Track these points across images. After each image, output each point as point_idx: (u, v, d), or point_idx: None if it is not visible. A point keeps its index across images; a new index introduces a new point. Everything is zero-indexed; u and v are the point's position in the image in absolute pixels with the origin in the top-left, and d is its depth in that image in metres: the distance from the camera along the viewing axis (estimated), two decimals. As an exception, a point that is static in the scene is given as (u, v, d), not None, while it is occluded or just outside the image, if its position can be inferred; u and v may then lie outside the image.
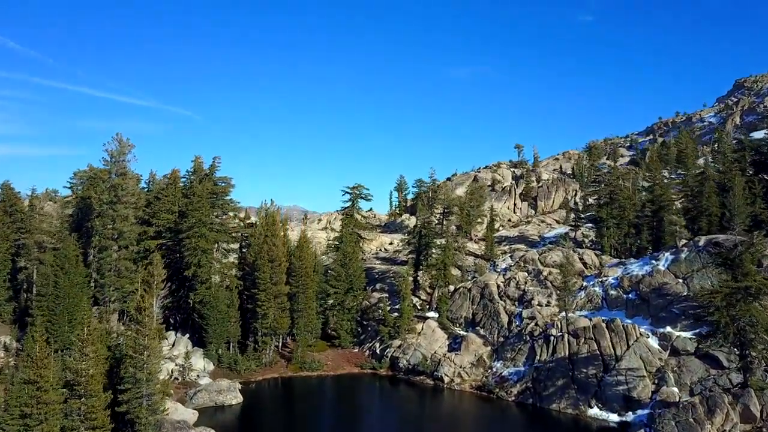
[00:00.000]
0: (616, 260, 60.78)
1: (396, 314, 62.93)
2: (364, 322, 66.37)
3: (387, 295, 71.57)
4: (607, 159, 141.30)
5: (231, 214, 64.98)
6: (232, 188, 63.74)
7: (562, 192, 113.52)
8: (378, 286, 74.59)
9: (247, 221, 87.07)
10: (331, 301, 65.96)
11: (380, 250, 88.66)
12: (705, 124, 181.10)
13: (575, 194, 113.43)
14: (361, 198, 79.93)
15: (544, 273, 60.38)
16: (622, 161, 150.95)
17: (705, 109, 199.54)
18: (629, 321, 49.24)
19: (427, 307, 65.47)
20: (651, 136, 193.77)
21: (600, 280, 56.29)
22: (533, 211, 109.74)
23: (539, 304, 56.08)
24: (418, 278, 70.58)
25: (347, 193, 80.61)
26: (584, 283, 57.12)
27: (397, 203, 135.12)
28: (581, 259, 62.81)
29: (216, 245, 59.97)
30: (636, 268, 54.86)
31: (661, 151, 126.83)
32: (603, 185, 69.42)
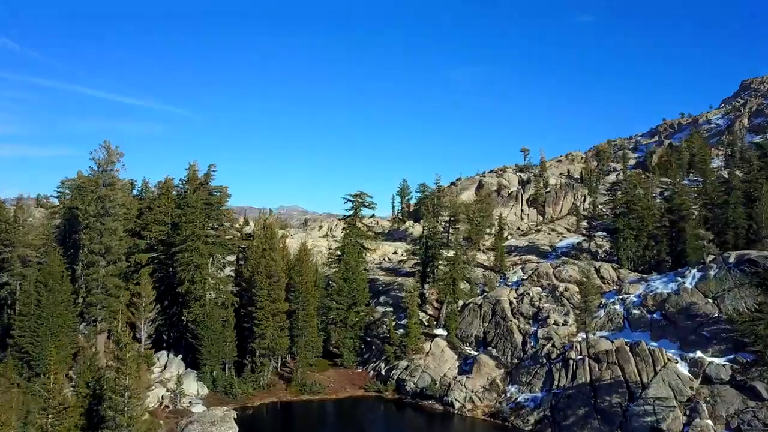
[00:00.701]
0: (636, 276, 57.21)
1: (402, 331, 59.46)
2: (368, 339, 62.79)
3: (392, 309, 68.03)
4: (613, 162, 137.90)
5: (227, 224, 61.32)
6: (229, 198, 60.27)
7: (570, 197, 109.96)
8: (382, 299, 70.99)
9: (245, 229, 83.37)
10: (332, 315, 62.52)
11: (383, 259, 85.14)
12: (712, 126, 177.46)
13: (584, 200, 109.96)
14: (364, 206, 76.36)
15: (560, 289, 56.81)
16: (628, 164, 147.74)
17: (711, 110, 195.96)
18: (655, 344, 45.70)
19: (435, 323, 61.88)
20: (656, 138, 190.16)
21: (620, 297, 52.72)
22: (541, 218, 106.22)
23: (555, 323, 52.53)
24: (425, 292, 67.04)
25: (349, 200, 77.08)
26: (603, 300, 53.52)
27: (400, 208, 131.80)
28: (598, 273, 59.25)
29: (211, 259, 56.38)
30: (660, 286, 51.29)
31: (671, 154, 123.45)
32: (619, 194, 65.79)
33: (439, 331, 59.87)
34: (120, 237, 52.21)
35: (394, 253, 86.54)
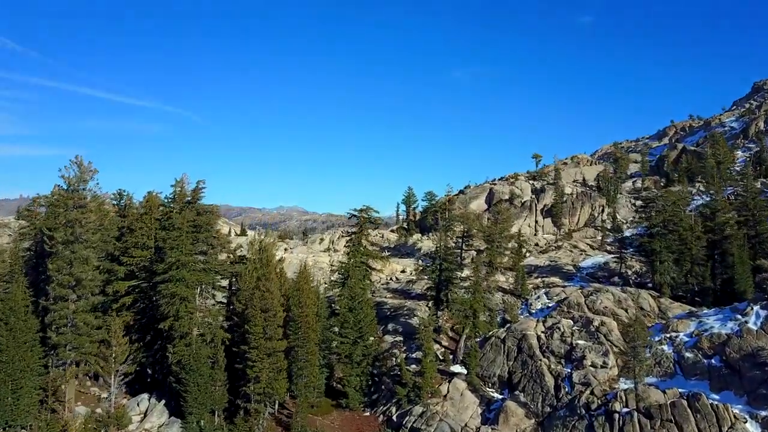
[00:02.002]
0: (682, 308, 50.60)
1: (414, 367, 52.97)
2: (376, 376, 55.99)
3: (401, 338, 61.47)
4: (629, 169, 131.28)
5: (218, 248, 54.49)
6: (218, 218, 53.54)
7: (587, 208, 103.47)
8: (390, 326, 64.29)
9: (239, 240, 76.70)
10: (335, 344, 55.80)
11: (390, 279, 78.40)
12: (726, 128, 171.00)
13: (602, 210, 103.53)
14: (370, 222, 69.64)
15: (595, 323, 50.08)
16: (636, 168, 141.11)
17: (724, 113, 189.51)
18: (716, 397, 39.04)
19: (451, 357, 55.18)
20: (666, 142, 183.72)
21: (668, 336, 46.00)
22: (557, 229, 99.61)
23: (593, 365, 45.81)
24: (439, 320, 60.42)
25: (354, 216, 70.36)
26: (646, 337, 46.78)
27: (405, 216, 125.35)
28: (636, 303, 52.60)
29: (198, 289, 49.68)
30: (716, 324, 44.58)
31: (691, 160, 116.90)
32: (655, 212, 59.01)
33: (457, 369, 53.20)
34: (93, 267, 45.50)
35: (402, 271, 79.80)
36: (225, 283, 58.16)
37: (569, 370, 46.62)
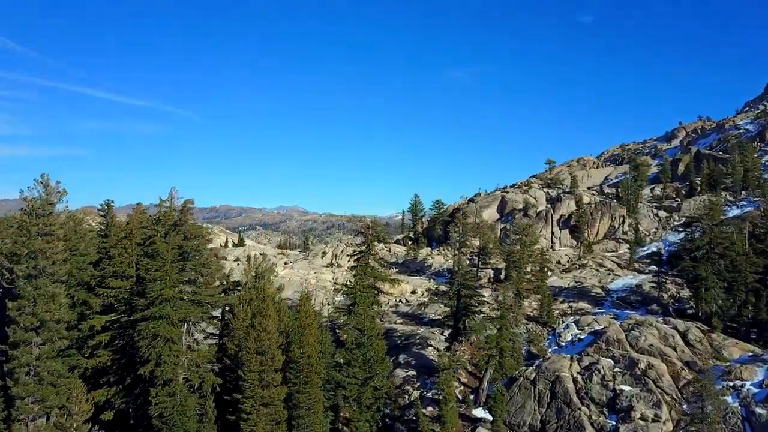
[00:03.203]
0: (743, 350, 44.10)
1: (431, 408, 46.86)
2: (388, 417, 49.66)
3: (414, 372, 55.12)
4: (632, 170, 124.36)
5: (208, 276, 48.02)
6: (209, 242, 47.15)
7: (607, 218, 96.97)
8: (402, 357, 57.86)
9: (235, 253, 70.34)
10: (343, 392, 49.32)
11: (399, 301, 71.97)
12: (740, 131, 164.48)
13: (622, 221, 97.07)
14: (378, 240, 63.26)
15: (641, 365, 43.60)
16: (648, 172, 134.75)
17: (737, 114, 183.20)
18: (801, 467, 32.66)
19: (472, 398, 48.79)
20: (677, 144, 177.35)
21: (732, 384, 39.57)
22: (575, 242, 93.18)
23: (643, 418, 39.37)
24: (457, 352, 54.09)
25: (360, 233, 63.97)
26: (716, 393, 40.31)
27: (411, 224, 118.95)
28: (684, 339, 46.20)
29: (185, 326, 43.29)
30: (790, 373, 38.19)
31: (713, 167, 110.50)
32: (701, 233, 52.60)
33: (480, 413, 46.84)
34: (61, 304, 39.02)
35: (413, 292, 73.35)
36: (217, 312, 51.88)
37: (614, 423, 40.20)
